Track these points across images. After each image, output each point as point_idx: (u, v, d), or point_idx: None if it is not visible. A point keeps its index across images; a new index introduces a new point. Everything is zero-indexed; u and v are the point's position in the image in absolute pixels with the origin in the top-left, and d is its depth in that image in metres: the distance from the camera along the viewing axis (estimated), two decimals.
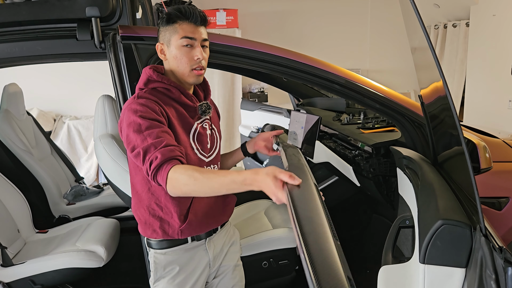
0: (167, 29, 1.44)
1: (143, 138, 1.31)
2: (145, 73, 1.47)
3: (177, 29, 1.42)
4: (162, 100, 1.43)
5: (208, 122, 1.56)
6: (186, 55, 1.43)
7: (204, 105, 1.52)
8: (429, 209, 1.16)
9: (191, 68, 1.44)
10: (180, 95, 1.47)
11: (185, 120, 1.47)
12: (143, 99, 1.39)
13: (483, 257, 0.91)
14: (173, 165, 1.26)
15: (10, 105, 2.87)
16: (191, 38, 1.42)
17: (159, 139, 1.31)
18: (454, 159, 1.34)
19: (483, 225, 0.96)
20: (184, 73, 1.45)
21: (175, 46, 1.43)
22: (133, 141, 1.33)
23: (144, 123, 1.33)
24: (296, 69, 1.87)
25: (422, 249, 1.07)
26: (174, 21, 1.43)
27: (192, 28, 1.43)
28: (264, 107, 3.64)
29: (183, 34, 1.42)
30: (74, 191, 3.09)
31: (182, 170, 1.24)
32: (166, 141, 1.30)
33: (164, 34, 1.45)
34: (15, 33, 1.85)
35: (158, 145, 1.29)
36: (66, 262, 2.13)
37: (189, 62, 1.43)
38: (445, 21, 5.38)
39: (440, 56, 5.50)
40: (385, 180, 2.08)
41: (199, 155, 1.50)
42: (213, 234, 1.60)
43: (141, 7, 2.23)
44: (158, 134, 1.31)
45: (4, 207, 2.39)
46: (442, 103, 1.27)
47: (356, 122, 2.48)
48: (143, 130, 1.32)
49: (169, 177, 1.25)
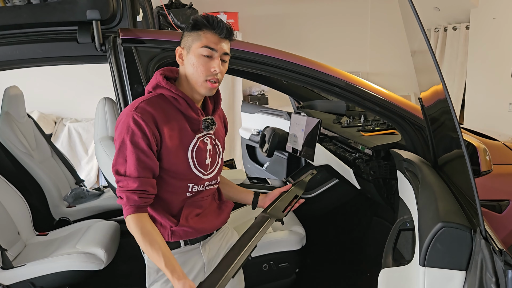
0: (191, 35, 1.41)
1: (123, 162, 1.37)
2: (155, 78, 1.46)
3: (201, 37, 1.40)
4: (164, 110, 1.41)
5: (210, 137, 1.52)
6: (204, 64, 1.40)
7: (208, 120, 1.48)
8: (429, 212, 1.16)
9: (205, 78, 1.41)
10: (186, 107, 1.44)
11: (185, 133, 1.44)
12: (140, 113, 1.37)
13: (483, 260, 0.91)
14: (133, 213, 1.37)
15: (11, 108, 2.87)
16: (212, 49, 1.40)
17: (133, 177, 1.36)
18: (454, 161, 1.34)
19: (483, 228, 0.96)
20: (197, 82, 1.42)
21: (195, 53, 1.40)
22: (116, 158, 1.39)
23: (129, 149, 1.36)
24: (296, 72, 1.87)
25: (422, 252, 1.07)
26: (199, 28, 1.40)
27: (216, 39, 1.40)
28: (265, 110, 3.65)
29: (205, 43, 1.39)
30: (74, 193, 3.09)
31: (134, 225, 1.36)
32: (138, 183, 1.36)
33: (187, 39, 1.42)
34: (16, 36, 1.85)
35: (130, 184, 1.36)
36: (66, 265, 2.13)
37: (205, 72, 1.41)
38: (445, 24, 5.40)
39: (440, 59, 5.51)
40: (385, 182, 2.08)
41: (195, 171, 1.47)
42: (208, 238, 1.58)
43: (141, 10, 2.24)
44: (136, 169, 1.36)
45: (5, 210, 2.39)
46: (442, 106, 1.27)
47: (356, 124, 2.49)
48: (126, 156, 1.37)
49: (127, 218, 1.38)
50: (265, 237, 2.22)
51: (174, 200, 1.48)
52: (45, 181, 2.86)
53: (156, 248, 1.34)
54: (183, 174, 1.45)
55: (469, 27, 4.92)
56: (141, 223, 1.36)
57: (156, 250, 1.34)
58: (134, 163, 1.36)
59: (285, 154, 3.32)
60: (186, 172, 1.46)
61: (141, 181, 1.36)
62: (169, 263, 1.32)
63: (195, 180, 1.49)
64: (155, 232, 1.38)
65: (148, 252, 1.36)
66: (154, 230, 1.38)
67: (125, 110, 1.41)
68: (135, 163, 1.36)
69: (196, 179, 1.48)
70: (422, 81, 1.69)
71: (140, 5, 2.19)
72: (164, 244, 1.37)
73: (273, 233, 2.26)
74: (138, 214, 1.37)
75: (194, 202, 1.51)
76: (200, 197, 1.53)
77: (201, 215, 1.54)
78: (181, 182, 1.46)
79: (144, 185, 1.37)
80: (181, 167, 1.44)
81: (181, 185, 1.47)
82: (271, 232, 2.28)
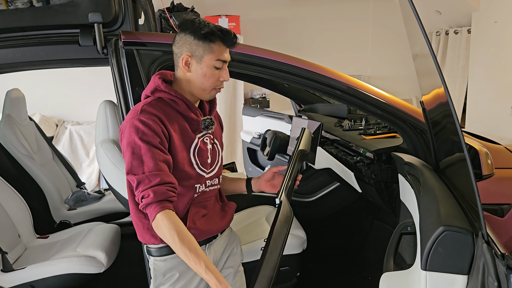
0: (201, 45, 1.42)
1: (139, 164, 1.34)
2: (153, 82, 1.47)
3: (213, 49, 1.42)
4: (165, 112, 1.43)
5: (209, 137, 1.55)
6: (215, 75, 1.45)
7: (207, 120, 1.51)
8: (431, 216, 1.15)
9: (214, 87, 1.47)
10: (185, 108, 1.46)
11: (186, 134, 1.47)
12: (146, 114, 1.38)
13: (485, 264, 0.90)
14: (162, 209, 1.32)
15: (13, 110, 2.88)
16: (224, 62, 1.45)
17: (155, 172, 1.33)
18: (456, 165, 1.33)
19: (485, 232, 0.95)
20: (205, 89, 1.46)
21: (208, 65, 1.43)
22: (130, 164, 1.36)
23: (144, 148, 1.35)
24: (298, 75, 1.87)
25: (424, 256, 1.06)
26: (212, 40, 1.41)
27: (226, 51, 1.45)
28: (266, 113, 3.65)
29: (218, 56, 1.42)
30: (75, 196, 3.09)
31: (167, 222, 1.31)
32: (161, 177, 1.33)
33: (197, 48, 1.43)
34: (18, 38, 1.85)
35: (153, 179, 1.33)
36: (67, 268, 2.13)
37: (215, 82, 1.46)
38: (447, 27, 5.40)
39: (442, 63, 5.50)
40: (387, 186, 2.07)
41: (198, 170, 1.49)
42: (213, 240, 1.59)
43: (143, 13, 2.24)
44: (155, 164, 1.34)
45: (5, 212, 2.39)
46: (443, 110, 1.26)
47: (358, 128, 2.48)
48: (142, 156, 1.35)
49: (156, 218, 1.32)
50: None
51: (181, 202, 1.49)
52: (46, 184, 2.86)
53: (195, 249, 1.31)
54: (189, 175, 1.47)
55: (470, 31, 4.92)
56: (174, 221, 1.32)
57: (195, 252, 1.30)
58: (152, 159, 1.34)
59: (286, 158, 3.32)
60: (191, 172, 1.48)
61: (164, 175, 1.35)
62: (210, 266, 1.29)
63: (200, 180, 1.51)
64: (188, 232, 1.35)
65: (185, 254, 1.30)
66: (186, 229, 1.35)
67: (128, 116, 1.42)
68: (153, 160, 1.34)
69: (200, 178, 1.51)
70: (423, 84, 1.69)
71: (142, 8, 2.20)
72: (197, 243, 1.34)
73: None
74: (168, 211, 1.33)
75: (199, 203, 1.54)
76: (205, 197, 1.56)
77: (207, 216, 1.56)
78: (188, 182, 1.48)
79: (168, 177, 1.36)
80: (186, 167, 1.46)
81: (188, 185, 1.49)
82: None
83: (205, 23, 1.42)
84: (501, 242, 0.99)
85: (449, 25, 5.36)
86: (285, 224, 1.42)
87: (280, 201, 1.53)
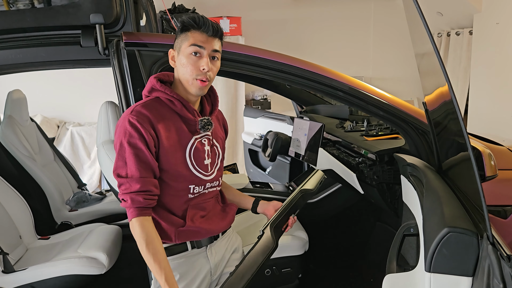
0: (180, 37, 1.45)
1: (123, 165, 1.39)
2: (150, 82, 1.49)
3: (188, 37, 1.43)
4: (160, 112, 1.44)
5: (208, 138, 1.53)
6: (193, 63, 1.42)
7: (204, 120, 1.49)
8: (435, 217, 1.14)
9: (195, 77, 1.43)
10: (182, 107, 1.46)
11: (182, 134, 1.46)
12: (136, 115, 1.39)
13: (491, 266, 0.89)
14: (138, 216, 1.38)
15: (14, 112, 2.88)
16: (200, 47, 1.42)
17: (135, 178, 1.37)
18: (459, 166, 1.32)
19: (490, 233, 0.95)
20: (188, 80, 1.44)
21: (184, 54, 1.43)
22: (116, 163, 1.41)
23: (128, 150, 1.38)
24: (299, 75, 1.87)
25: (428, 257, 1.05)
26: (187, 29, 1.43)
27: (204, 38, 1.43)
28: (267, 114, 3.65)
29: (192, 42, 1.42)
30: (76, 197, 3.09)
31: (139, 229, 1.37)
32: (141, 184, 1.37)
33: (177, 41, 1.46)
34: (19, 39, 1.85)
35: (133, 185, 1.37)
36: (68, 269, 2.12)
37: (195, 71, 1.42)
38: (448, 29, 5.39)
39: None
40: (389, 187, 2.07)
41: (194, 171, 1.49)
42: (214, 241, 1.59)
43: (145, 14, 2.24)
44: (137, 169, 1.37)
45: (6, 213, 2.39)
46: (447, 108, 1.26)
47: (360, 129, 2.48)
48: (125, 158, 1.39)
49: (131, 222, 1.39)
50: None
51: (176, 203, 1.49)
52: (48, 185, 2.86)
53: (159, 260, 1.36)
54: (183, 175, 1.47)
55: (472, 32, 4.92)
56: (146, 229, 1.37)
57: (158, 263, 1.35)
58: (134, 163, 1.37)
59: (287, 159, 3.31)
60: (185, 173, 1.47)
61: (144, 181, 1.38)
62: (169, 280, 1.35)
63: (196, 181, 1.50)
64: (158, 242, 1.39)
65: (149, 262, 1.36)
66: (158, 239, 1.39)
67: (123, 115, 1.45)
68: (135, 164, 1.37)
69: (196, 180, 1.50)
70: (426, 84, 1.68)
71: (144, 9, 2.19)
72: (164, 254, 1.39)
73: None
74: (143, 217, 1.38)
75: (197, 204, 1.53)
76: (203, 199, 1.55)
77: (206, 217, 1.55)
78: (182, 183, 1.48)
79: (147, 185, 1.38)
80: (180, 167, 1.46)
81: (182, 186, 1.48)
82: None
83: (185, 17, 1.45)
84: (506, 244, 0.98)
85: (450, 26, 5.36)
86: (261, 255, 1.48)
87: (262, 233, 1.55)
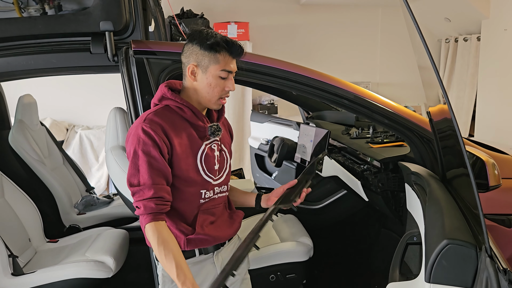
0: (207, 55, 1.44)
1: (135, 173, 1.41)
2: (160, 90, 1.51)
3: (219, 59, 1.44)
4: (171, 120, 1.46)
5: (217, 143, 1.57)
6: (221, 85, 1.47)
7: (214, 126, 1.53)
8: (435, 228, 1.15)
9: (219, 97, 1.49)
10: (192, 115, 1.49)
11: (193, 140, 1.49)
12: (149, 123, 1.42)
13: (489, 278, 0.90)
14: (151, 221, 1.39)
15: (25, 116, 2.92)
16: (229, 72, 1.47)
17: (148, 185, 1.39)
18: (461, 176, 1.33)
19: (489, 246, 0.96)
20: (211, 100, 1.49)
21: (213, 75, 1.46)
22: (129, 171, 1.42)
23: (141, 158, 1.40)
24: (305, 84, 1.89)
25: (428, 268, 1.07)
26: (218, 50, 1.44)
27: (230, 60, 1.47)
28: (274, 120, 3.66)
29: (223, 67, 1.45)
30: (84, 201, 3.12)
31: (152, 233, 1.38)
32: (154, 191, 1.39)
33: (203, 58, 1.45)
34: (31, 46, 1.89)
35: (146, 192, 1.39)
36: (75, 272, 2.15)
37: (220, 92, 1.48)
38: (456, 35, 5.38)
39: (451, 70, 5.48)
40: (394, 195, 2.07)
41: (205, 176, 1.51)
42: (221, 248, 1.61)
43: (153, 20, 2.27)
44: (150, 177, 1.39)
45: (16, 216, 2.43)
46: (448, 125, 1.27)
47: (365, 136, 2.49)
48: (138, 166, 1.40)
49: (146, 228, 1.40)
50: (272, 248, 2.22)
51: (188, 208, 1.52)
52: (57, 189, 2.89)
53: (170, 257, 1.36)
54: (194, 181, 1.50)
55: (480, 38, 4.90)
56: (158, 231, 1.39)
57: (170, 260, 1.36)
58: (147, 171, 1.39)
59: (294, 164, 3.32)
60: (197, 178, 1.50)
61: (156, 188, 1.39)
62: (181, 274, 1.35)
63: (206, 186, 1.53)
64: (171, 241, 1.40)
65: (162, 261, 1.38)
66: (171, 239, 1.40)
67: (134, 123, 1.46)
68: (148, 171, 1.39)
69: (207, 184, 1.53)
70: (429, 95, 1.70)
71: (152, 15, 2.23)
72: (179, 253, 1.39)
73: (280, 244, 2.26)
74: (156, 222, 1.40)
75: (208, 209, 1.56)
76: (213, 204, 1.57)
77: (215, 224, 1.58)
78: (194, 188, 1.51)
79: (159, 191, 1.40)
80: (191, 173, 1.48)
81: (194, 191, 1.51)
82: (278, 243, 2.28)
83: (212, 33, 1.45)
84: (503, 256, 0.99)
85: (458, 32, 5.35)
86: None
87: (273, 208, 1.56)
